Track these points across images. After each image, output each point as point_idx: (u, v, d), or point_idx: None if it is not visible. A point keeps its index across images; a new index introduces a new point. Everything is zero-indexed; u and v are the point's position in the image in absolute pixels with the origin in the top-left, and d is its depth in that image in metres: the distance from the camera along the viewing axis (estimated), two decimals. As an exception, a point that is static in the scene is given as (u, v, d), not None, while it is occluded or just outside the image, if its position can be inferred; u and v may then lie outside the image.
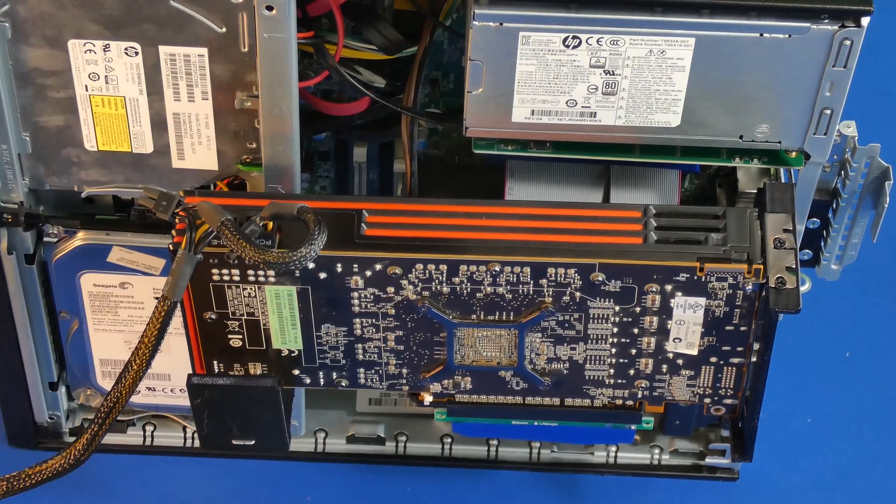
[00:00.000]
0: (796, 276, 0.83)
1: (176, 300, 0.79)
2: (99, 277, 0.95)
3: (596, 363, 0.90)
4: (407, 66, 0.92)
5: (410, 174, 0.95)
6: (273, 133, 0.87)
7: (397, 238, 0.84)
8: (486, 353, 0.90)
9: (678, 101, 0.85)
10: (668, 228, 0.85)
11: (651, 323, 0.87)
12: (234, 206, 0.83)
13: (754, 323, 0.86)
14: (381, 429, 1.06)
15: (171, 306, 0.80)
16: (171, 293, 0.79)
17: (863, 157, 0.91)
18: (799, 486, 1.06)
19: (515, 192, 0.92)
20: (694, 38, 0.82)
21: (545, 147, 0.89)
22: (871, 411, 1.10)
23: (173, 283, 0.79)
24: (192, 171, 0.90)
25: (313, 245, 0.81)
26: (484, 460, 1.06)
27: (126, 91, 0.87)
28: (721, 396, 0.91)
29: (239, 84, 0.86)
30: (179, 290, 0.79)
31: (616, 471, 1.06)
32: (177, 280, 0.79)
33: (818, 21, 0.82)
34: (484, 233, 0.85)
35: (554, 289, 0.85)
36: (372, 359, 0.90)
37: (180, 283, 0.79)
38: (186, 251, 0.80)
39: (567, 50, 0.83)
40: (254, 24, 0.83)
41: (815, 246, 0.97)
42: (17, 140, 0.89)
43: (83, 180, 0.91)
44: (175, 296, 0.79)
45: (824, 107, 0.85)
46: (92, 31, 0.84)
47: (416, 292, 0.86)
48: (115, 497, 1.04)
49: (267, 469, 1.05)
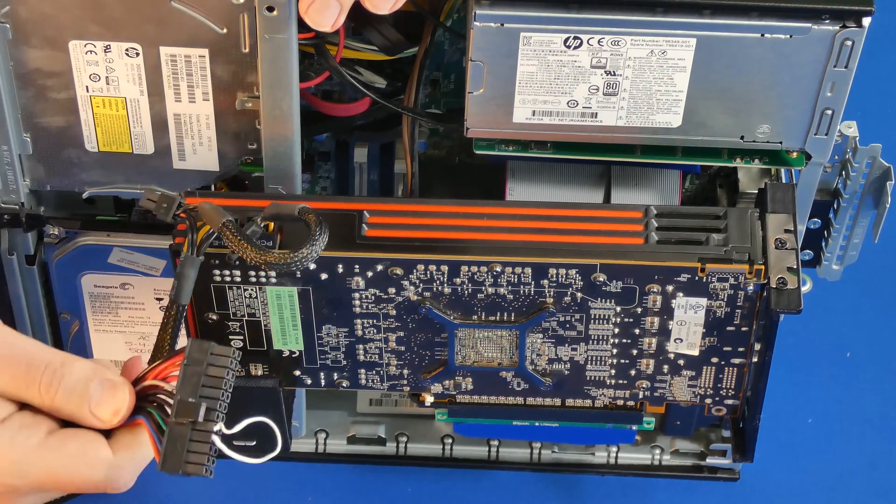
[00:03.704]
0: (797, 277, 0.83)
1: (183, 304, 0.79)
2: (100, 278, 0.95)
3: (597, 364, 0.90)
4: (408, 66, 0.92)
5: (411, 175, 0.95)
6: (274, 134, 0.87)
7: (398, 239, 0.84)
8: (487, 354, 0.90)
9: (679, 101, 0.85)
10: (670, 229, 0.85)
11: (652, 323, 0.87)
12: (235, 207, 0.83)
13: (755, 323, 0.86)
14: (382, 429, 1.06)
15: (180, 310, 0.80)
16: (177, 297, 0.79)
17: (864, 158, 0.91)
18: (800, 486, 1.06)
19: (516, 193, 0.92)
20: (695, 38, 0.82)
21: (546, 147, 0.89)
22: (872, 411, 1.10)
23: (179, 288, 0.79)
24: (193, 171, 0.90)
25: (314, 246, 0.81)
26: (485, 461, 1.06)
27: (127, 92, 0.87)
28: (722, 397, 0.91)
29: (240, 85, 0.86)
30: (186, 294, 0.79)
31: (617, 471, 1.06)
32: (182, 284, 0.79)
33: (819, 21, 0.82)
34: (485, 233, 0.85)
35: (555, 289, 0.85)
36: (373, 359, 0.90)
37: (186, 286, 0.79)
38: (189, 254, 0.80)
39: (568, 50, 0.83)
40: (255, 25, 0.83)
41: (816, 246, 0.97)
42: (18, 141, 0.89)
43: (84, 181, 0.91)
44: (182, 300, 0.79)
45: (825, 107, 0.85)
46: (93, 32, 0.84)
47: (417, 293, 0.86)
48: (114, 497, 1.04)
49: (267, 469, 1.05)
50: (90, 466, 0.74)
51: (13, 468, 0.72)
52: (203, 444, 0.73)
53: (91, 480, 0.74)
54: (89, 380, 0.74)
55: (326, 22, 0.80)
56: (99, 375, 0.74)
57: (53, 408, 0.74)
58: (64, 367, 0.74)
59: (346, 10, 0.79)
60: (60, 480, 0.73)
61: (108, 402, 0.74)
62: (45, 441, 0.73)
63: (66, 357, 0.74)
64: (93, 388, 0.74)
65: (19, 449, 0.72)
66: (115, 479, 0.74)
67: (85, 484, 0.74)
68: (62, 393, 0.73)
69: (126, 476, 0.75)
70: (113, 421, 0.74)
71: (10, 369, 0.73)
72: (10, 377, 0.73)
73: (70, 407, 0.74)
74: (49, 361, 0.73)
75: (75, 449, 0.73)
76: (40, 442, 0.73)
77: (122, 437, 0.75)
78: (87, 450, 0.74)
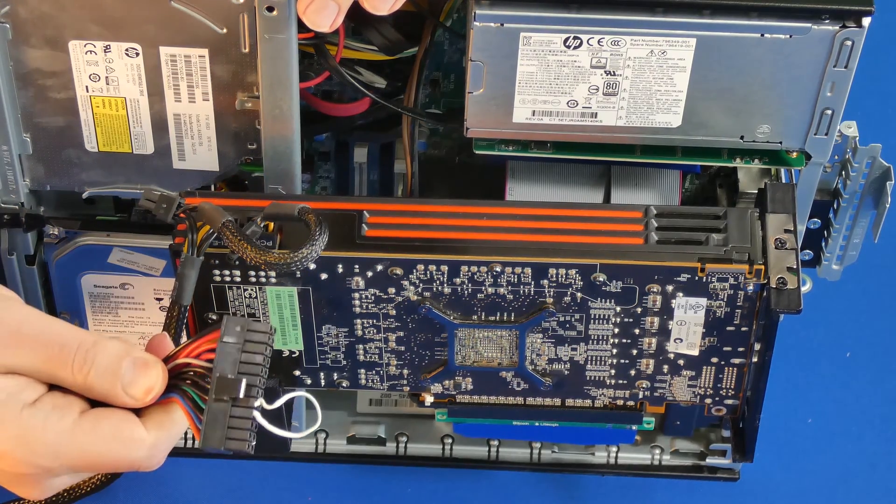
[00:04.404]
0: (797, 277, 0.83)
1: (185, 304, 0.79)
2: (99, 278, 0.95)
3: (597, 364, 0.90)
4: (407, 66, 0.92)
5: (411, 175, 0.95)
6: (274, 134, 0.87)
7: (398, 239, 0.84)
8: (486, 354, 0.90)
9: (679, 101, 0.85)
10: (669, 229, 0.85)
11: (652, 323, 0.87)
12: (235, 207, 0.83)
13: (755, 323, 0.86)
14: (382, 429, 1.06)
15: (182, 311, 0.80)
16: (179, 298, 0.79)
17: (864, 158, 0.91)
18: (800, 486, 1.06)
19: (516, 193, 0.92)
20: (695, 38, 0.82)
21: (546, 147, 0.89)
22: (872, 411, 1.10)
23: (180, 288, 0.79)
24: (192, 171, 0.90)
25: (314, 246, 0.81)
26: (484, 461, 1.06)
27: (127, 92, 0.87)
28: (722, 397, 0.91)
29: (240, 85, 0.86)
30: (188, 295, 0.79)
31: (617, 471, 1.06)
32: (183, 284, 0.79)
33: (819, 21, 0.82)
34: (485, 233, 0.85)
35: (555, 289, 0.85)
36: (373, 359, 0.90)
37: (187, 287, 0.79)
38: (189, 254, 0.80)
39: (568, 50, 0.83)
40: (255, 25, 0.83)
41: (816, 246, 0.97)
42: (18, 141, 0.89)
43: (84, 181, 0.91)
44: (184, 300, 0.79)
45: (825, 107, 0.85)
46: (93, 32, 0.84)
47: (417, 293, 0.86)
48: (115, 497, 1.04)
49: (267, 469, 1.05)
50: (124, 446, 0.73)
51: (47, 450, 0.72)
52: (244, 421, 0.73)
53: (125, 459, 0.73)
54: (121, 358, 0.74)
55: (325, 22, 0.80)
56: (131, 354, 0.74)
57: (86, 387, 0.73)
58: (96, 346, 0.73)
59: (344, 10, 0.80)
60: (94, 461, 0.73)
61: (142, 381, 0.74)
62: (79, 422, 0.73)
63: (97, 337, 0.74)
64: (125, 367, 0.73)
65: (52, 430, 0.72)
66: (148, 457, 0.74)
67: (118, 463, 0.73)
68: (95, 372, 0.73)
69: (159, 455, 0.75)
70: (146, 399, 0.74)
71: (44, 350, 0.73)
72: (44, 358, 0.73)
73: (103, 386, 0.73)
74: (81, 341, 0.73)
75: (109, 428, 0.73)
76: (73, 423, 0.73)
77: (155, 415, 0.75)
78: (121, 429, 0.73)
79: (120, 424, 0.73)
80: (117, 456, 0.73)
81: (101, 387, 0.73)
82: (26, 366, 0.73)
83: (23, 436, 0.72)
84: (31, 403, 0.72)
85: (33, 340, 0.73)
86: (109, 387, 0.73)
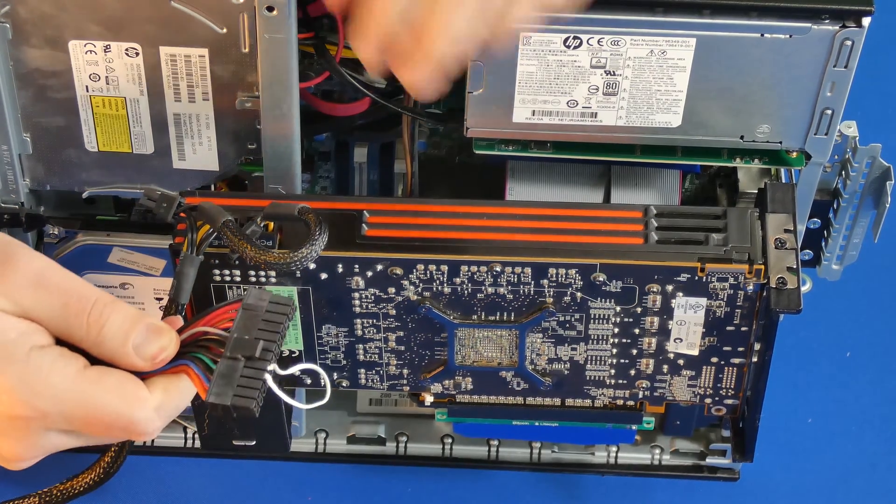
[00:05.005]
0: (797, 277, 0.83)
1: (183, 302, 0.79)
2: (99, 278, 0.95)
3: (597, 363, 0.90)
4: (407, 66, 0.92)
5: (411, 174, 0.95)
6: (274, 133, 0.87)
7: (398, 238, 0.84)
8: (486, 354, 0.90)
9: (679, 101, 0.85)
10: (669, 229, 0.85)
11: (652, 323, 0.87)
12: (235, 207, 0.83)
13: (755, 323, 0.86)
14: (382, 429, 1.06)
15: (179, 309, 0.80)
16: (177, 296, 0.79)
17: (864, 158, 0.91)
18: (799, 486, 1.05)
19: (516, 193, 0.92)
20: (695, 38, 0.82)
21: (546, 147, 0.89)
22: (872, 411, 1.10)
23: (179, 287, 0.79)
24: (192, 171, 0.90)
25: (314, 245, 0.81)
26: (484, 461, 1.06)
27: (127, 92, 0.87)
28: (722, 396, 0.91)
29: (240, 84, 0.86)
30: (185, 293, 0.79)
31: (617, 471, 1.06)
32: (182, 282, 0.79)
33: (819, 21, 0.82)
34: (485, 233, 0.85)
35: (555, 289, 0.85)
36: (373, 359, 0.90)
37: (185, 285, 0.79)
38: (189, 253, 0.80)
39: (568, 50, 0.83)
40: (254, 25, 0.83)
41: (816, 246, 0.97)
42: (18, 141, 0.89)
43: (84, 181, 0.91)
44: (181, 298, 0.79)
45: (825, 107, 0.85)
46: (92, 32, 0.84)
47: (416, 293, 0.86)
48: (115, 497, 1.04)
49: (267, 469, 1.05)
50: (126, 402, 0.73)
51: (49, 392, 0.72)
52: (255, 381, 0.72)
53: (125, 416, 0.73)
54: (136, 321, 0.74)
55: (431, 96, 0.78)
56: (146, 320, 0.74)
57: (97, 342, 0.74)
58: (114, 304, 0.74)
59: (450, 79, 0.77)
60: (93, 413, 0.73)
61: (154, 342, 0.74)
62: (84, 371, 0.73)
63: (116, 299, 0.75)
64: (139, 328, 0.74)
65: (58, 374, 0.72)
66: (146, 420, 0.74)
67: (117, 420, 0.73)
68: (109, 328, 0.73)
69: (156, 420, 0.74)
70: (154, 361, 0.74)
71: (63, 297, 0.73)
72: (61, 305, 0.73)
73: (114, 343, 0.73)
74: (100, 296, 0.74)
75: (114, 382, 0.73)
76: (79, 370, 0.73)
77: (160, 380, 0.75)
78: (124, 385, 0.73)
79: (125, 381, 0.73)
80: (118, 410, 0.73)
81: (111, 343, 0.73)
82: (44, 311, 0.73)
83: (27, 374, 0.72)
84: (39, 346, 0.73)
85: (55, 287, 0.73)
86: (119, 345, 0.73)
